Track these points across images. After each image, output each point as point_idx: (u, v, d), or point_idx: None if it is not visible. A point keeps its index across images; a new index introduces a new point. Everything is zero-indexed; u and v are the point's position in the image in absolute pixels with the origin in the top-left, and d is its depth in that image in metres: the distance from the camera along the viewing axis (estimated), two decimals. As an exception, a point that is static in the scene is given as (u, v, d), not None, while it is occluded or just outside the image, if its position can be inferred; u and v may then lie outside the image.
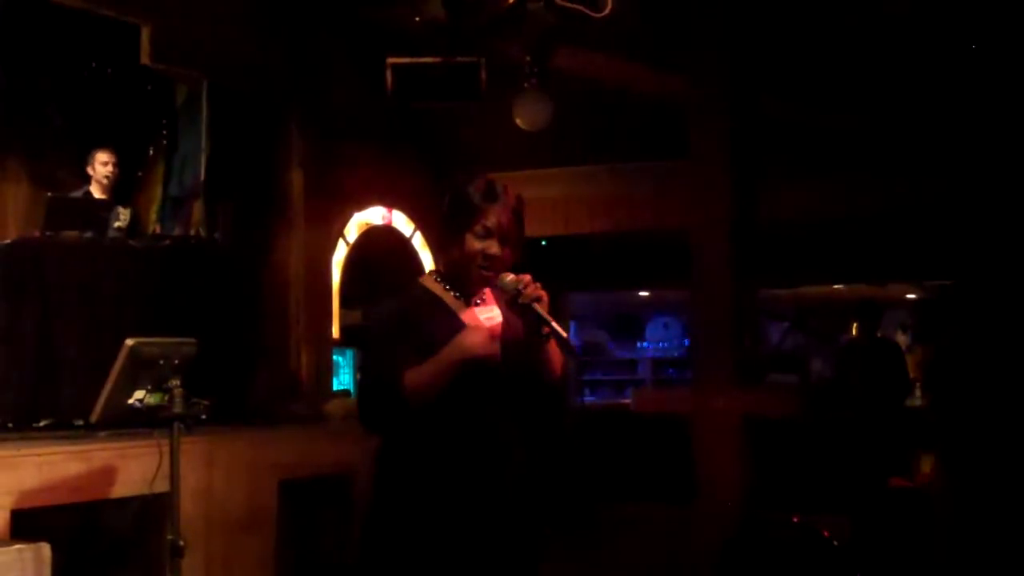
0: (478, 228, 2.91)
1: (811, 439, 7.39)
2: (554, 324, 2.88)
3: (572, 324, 16.71)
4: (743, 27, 6.64)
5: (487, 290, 3.02)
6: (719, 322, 6.58)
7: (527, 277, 2.91)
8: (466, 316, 2.96)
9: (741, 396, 6.46)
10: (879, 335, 8.82)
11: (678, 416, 6.87)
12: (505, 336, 2.97)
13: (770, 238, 7.10)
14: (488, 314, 3.00)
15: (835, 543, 5.35)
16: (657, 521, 7.66)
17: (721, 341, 6.57)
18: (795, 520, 5.52)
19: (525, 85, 6.67)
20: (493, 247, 2.91)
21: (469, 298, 2.99)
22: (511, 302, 2.94)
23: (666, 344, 18.06)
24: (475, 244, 2.91)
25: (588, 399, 16.42)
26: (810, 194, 8.29)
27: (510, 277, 2.93)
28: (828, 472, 6.99)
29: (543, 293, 2.90)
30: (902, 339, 12.59)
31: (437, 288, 3.00)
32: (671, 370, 17.61)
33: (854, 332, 8.98)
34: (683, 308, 15.74)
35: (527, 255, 3.08)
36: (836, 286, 13.24)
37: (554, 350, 2.96)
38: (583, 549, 8.06)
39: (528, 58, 6.55)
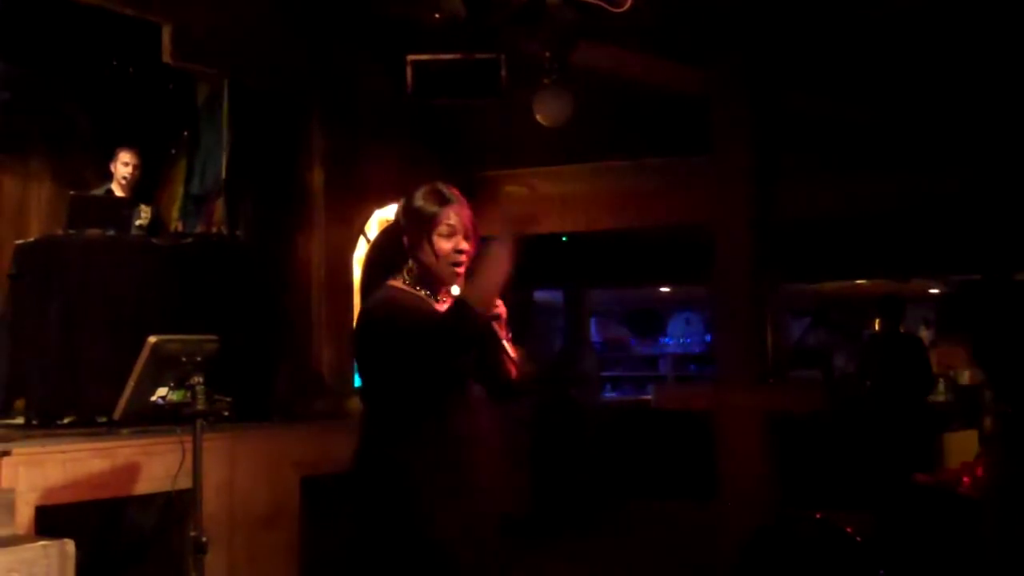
0: (442, 228, 3.10)
1: (834, 435, 7.36)
2: (505, 344, 3.08)
3: (593, 320, 16.72)
4: (764, 22, 6.61)
5: (448, 290, 3.16)
6: (741, 318, 6.56)
7: None
8: (438, 308, 3.13)
9: (764, 392, 6.44)
10: (902, 330, 8.79)
11: (700, 412, 6.85)
12: None
13: (792, 234, 7.07)
14: None
15: (858, 539, 5.32)
16: (679, 518, 7.66)
17: (743, 337, 6.55)
18: (818, 516, 5.49)
19: (545, 81, 6.64)
20: (461, 243, 3.11)
21: (436, 296, 3.16)
22: None
23: (688, 340, 18.04)
24: (444, 244, 3.10)
25: (609, 395, 16.42)
26: (832, 189, 8.24)
27: None
28: (851, 468, 6.96)
29: (502, 311, 3.06)
30: (925, 334, 12.54)
31: (407, 288, 3.15)
32: (693, 366, 17.58)
33: (877, 327, 8.94)
34: (705, 303, 15.72)
35: (548, 252, 3.13)
36: (858, 281, 13.21)
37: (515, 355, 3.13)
38: (605, 545, 8.05)
39: (548, 54, 6.52)
